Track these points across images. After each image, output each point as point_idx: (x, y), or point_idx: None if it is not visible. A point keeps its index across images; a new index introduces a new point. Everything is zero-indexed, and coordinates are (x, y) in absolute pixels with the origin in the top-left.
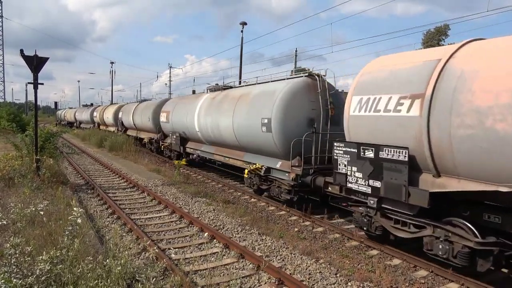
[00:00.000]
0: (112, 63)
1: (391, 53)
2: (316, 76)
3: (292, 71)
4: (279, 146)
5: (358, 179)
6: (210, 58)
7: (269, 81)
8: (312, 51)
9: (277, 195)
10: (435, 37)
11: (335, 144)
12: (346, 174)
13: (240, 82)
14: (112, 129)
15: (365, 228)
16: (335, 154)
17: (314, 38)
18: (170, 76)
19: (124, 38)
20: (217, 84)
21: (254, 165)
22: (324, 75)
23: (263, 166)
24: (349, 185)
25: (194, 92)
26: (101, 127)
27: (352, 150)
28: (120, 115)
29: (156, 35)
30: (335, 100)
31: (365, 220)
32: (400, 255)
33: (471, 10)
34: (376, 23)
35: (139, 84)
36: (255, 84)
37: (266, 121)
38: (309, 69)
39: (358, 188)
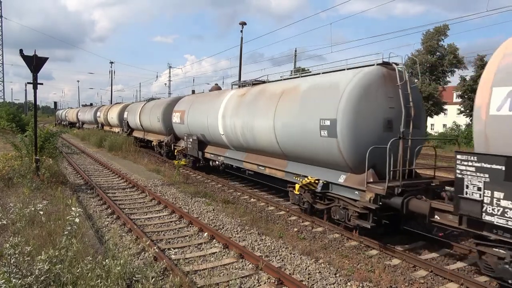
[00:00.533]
0: (111, 63)
1: (392, 53)
2: (393, 65)
3: (291, 71)
4: (347, 155)
5: (506, 210)
6: (210, 58)
7: (319, 73)
8: (312, 51)
9: (343, 218)
10: (434, 37)
11: (458, 157)
12: (481, 202)
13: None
14: (117, 130)
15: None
16: (458, 171)
17: (314, 38)
18: (169, 76)
19: (124, 38)
20: (217, 84)
21: (306, 179)
22: (402, 64)
23: (319, 180)
24: (487, 218)
25: (193, 92)
26: (105, 128)
27: (495, 167)
28: (125, 115)
29: (156, 35)
30: (414, 97)
31: None
32: (400, 255)
33: (469, 10)
34: (376, 24)
35: (139, 84)
36: (300, 76)
37: (327, 123)
38: (308, 69)
39: (507, 224)
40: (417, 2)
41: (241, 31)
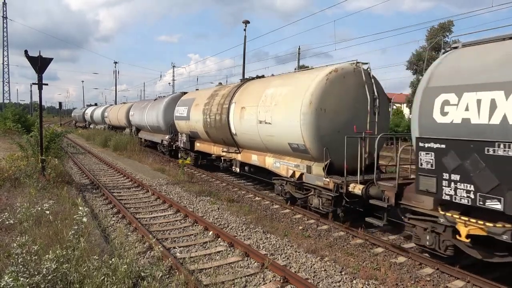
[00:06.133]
0: (115, 63)
1: (397, 50)
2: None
3: (295, 68)
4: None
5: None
6: (214, 57)
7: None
8: (317, 49)
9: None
10: (439, 33)
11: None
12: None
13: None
14: (291, 169)
15: None
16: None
17: (320, 36)
18: (173, 76)
19: (129, 38)
20: (220, 83)
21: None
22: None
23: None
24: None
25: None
26: (200, 146)
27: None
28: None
29: (160, 34)
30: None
31: None
32: (405, 253)
33: (478, 5)
34: (383, 21)
35: (143, 84)
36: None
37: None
38: (312, 66)
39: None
40: None
41: (245, 30)
